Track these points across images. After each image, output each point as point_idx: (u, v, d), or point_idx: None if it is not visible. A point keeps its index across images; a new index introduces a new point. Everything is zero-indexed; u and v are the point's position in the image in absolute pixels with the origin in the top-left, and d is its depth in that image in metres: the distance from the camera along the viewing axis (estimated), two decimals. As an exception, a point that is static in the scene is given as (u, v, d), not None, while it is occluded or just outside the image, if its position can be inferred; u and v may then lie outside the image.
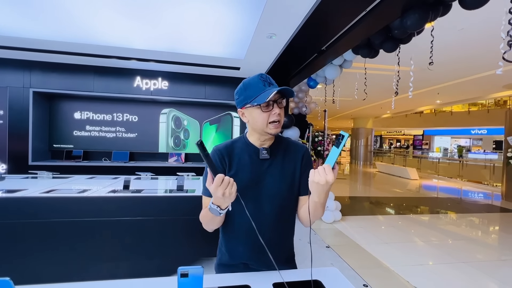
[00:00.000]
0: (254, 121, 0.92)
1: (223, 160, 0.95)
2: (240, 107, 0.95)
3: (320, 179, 0.76)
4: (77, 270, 2.02)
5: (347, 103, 9.74)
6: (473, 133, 17.90)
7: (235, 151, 0.97)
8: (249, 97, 0.90)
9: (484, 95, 8.07)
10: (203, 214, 0.95)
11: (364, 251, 3.11)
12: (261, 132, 0.93)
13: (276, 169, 0.97)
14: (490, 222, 4.69)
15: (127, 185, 2.34)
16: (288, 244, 1.06)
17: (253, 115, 0.92)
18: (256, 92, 0.89)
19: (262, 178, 0.95)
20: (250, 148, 0.97)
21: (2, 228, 1.93)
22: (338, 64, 3.88)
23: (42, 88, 4.02)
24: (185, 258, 2.24)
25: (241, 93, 0.92)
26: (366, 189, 7.86)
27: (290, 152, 1.00)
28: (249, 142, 0.99)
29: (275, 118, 0.90)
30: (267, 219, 0.96)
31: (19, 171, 3.73)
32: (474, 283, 2.50)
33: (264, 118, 0.90)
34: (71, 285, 0.82)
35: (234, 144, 0.99)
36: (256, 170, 0.95)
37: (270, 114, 0.90)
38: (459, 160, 11.29)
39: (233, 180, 0.82)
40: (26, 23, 2.79)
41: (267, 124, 0.90)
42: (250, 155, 0.97)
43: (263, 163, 0.96)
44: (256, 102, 0.88)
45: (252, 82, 0.90)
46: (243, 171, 0.95)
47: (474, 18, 3.13)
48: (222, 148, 0.97)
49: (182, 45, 3.29)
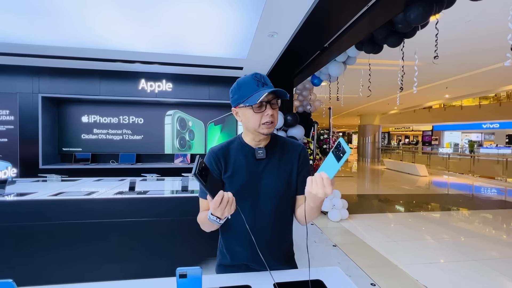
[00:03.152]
0: (247, 121, 0.91)
1: (218, 162, 0.94)
2: (234, 106, 0.94)
3: (318, 192, 0.69)
4: (84, 271, 2.05)
5: (352, 100, 9.61)
6: (485, 127, 17.42)
7: (230, 153, 0.96)
8: (242, 96, 0.88)
9: (495, 88, 7.84)
10: (202, 218, 0.94)
11: (372, 250, 3.06)
12: (254, 132, 0.92)
13: (272, 169, 0.95)
14: (504, 218, 4.56)
15: (132, 187, 2.37)
16: (287, 243, 1.05)
17: (246, 115, 0.91)
18: (249, 92, 0.87)
19: (259, 178, 0.94)
20: (246, 149, 0.96)
21: (13, 230, 1.98)
22: (342, 60, 3.83)
23: (51, 93, 4.12)
24: (191, 259, 2.25)
25: (235, 92, 0.91)
26: (374, 186, 7.75)
27: (286, 151, 0.99)
28: (244, 142, 0.97)
29: (267, 119, 0.88)
30: (265, 219, 0.95)
31: (30, 175, 3.83)
32: (487, 281, 2.43)
33: (257, 119, 0.88)
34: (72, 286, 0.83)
35: (229, 145, 0.98)
36: (252, 170, 0.94)
37: (262, 115, 0.88)
38: (471, 155, 11.01)
39: (231, 184, 0.81)
40: (34, 31, 2.86)
41: (259, 124, 0.89)
42: (246, 156, 0.95)
43: (259, 163, 0.95)
44: (248, 102, 0.86)
45: (246, 81, 0.89)
46: (239, 173, 0.94)
47: (481, 9, 3.04)
48: (217, 150, 0.96)
49: (185, 47, 3.31)
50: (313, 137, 4.56)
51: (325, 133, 5.04)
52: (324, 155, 5.09)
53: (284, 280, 0.88)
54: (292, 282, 0.87)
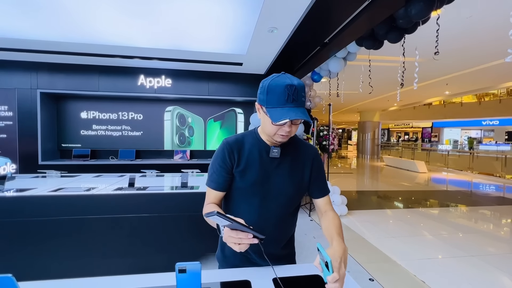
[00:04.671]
0: (264, 125, 0.90)
1: (231, 155, 0.93)
2: (258, 102, 0.91)
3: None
4: (83, 267, 2.07)
5: (352, 97, 9.59)
6: (484, 124, 17.41)
7: (245, 146, 0.95)
8: (267, 102, 0.83)
9: (495, 84, 7.81)
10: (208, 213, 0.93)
11: (370, 246, 3.08)
12: (268, 137, 0.92)
13: (284, 169, 0.95)
14: (502, 215, 4.58)
15: (132, 183, 2.37)
16: (290, 241, 1.06)
17: (265, 120, 0.88)
18: (275, 103, 0.82)
19: (270, 176, 0.93)
20: (261, 145, 0.95)
21: (12, 226, 1.98)
22: (342, 56, 3.81)
23: (49, 89, 4.09)
24: (191, 254, 2.27)
25: (263, 92, 0.86)
26: (373, 183, 7.77)
27: (300, 153, 0.98)
28: (260, 138, 0.96)
29: (283, 133, 0.86)
30: (271, 217, 0.95)
31: (29, 171, 3.83)
32: (485, 276, 2.45)
33: (273, 130, 0.86)
34: (71, 281, 0.83)
35: (244, 138, 0.97)
36: (264, 168, 0.93)
37: (279, 129, 0.85)
38: (470, 152, 11.03)
39: (242, 178, 0.81)
40: (32, 25, 2.83)
41: (274, 133, 0.87)
42: (260, 152, 0.94)
43: (272, 162, 0.94)
44: (269, 113, 0.83)
45: (277, 89, 0.81)
46: (251, 168, 0.93)
47: (482, 4, 3.01)
48: (232, 143, 0.95)
49: (184, 42, 3.28)
50: (313, 133, 4.56)
51: (325, 130, 5.03)
52: (324, 152, 5.09)
53: (284, 275, 0.88)
54: (291, 277, 0.88)
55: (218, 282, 0.85)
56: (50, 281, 0.83)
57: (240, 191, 0.95)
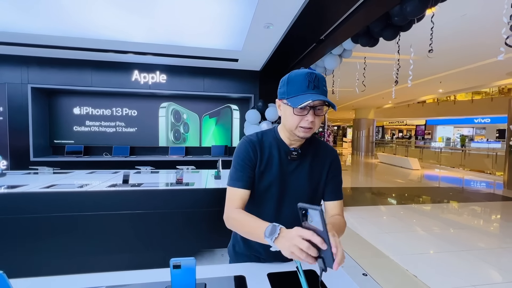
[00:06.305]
0: (285, 119, 0.88)
1: (255, 152, 0.91)
2: (278, 98, 0.89)
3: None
4: (77, 264, 2.05)
5: (347, 94, 9.63)
6: (476, 122, 17.74)
7: (265, 145, 0.93)
8: (288, 93, 0.82)
9: (488, 83, 7.93)
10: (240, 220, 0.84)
11: (364, 241, 3.13)
12: (290, 132, 0.88)
13: (303, 172, 0.93)
14: (492, 210, 4.69)
15: (126, 179, 2.35)
16: None
17: (286, 113, 0.86)
18: (296, 91, 0.80)
19: (287, 178, 0.92)
20: (281, 145, 0.93)
21: (4, 223, 1.95)
22: (338, 53, 3.81)
23: (40, 84, 4.01)
24: (186, 250, 2.27)
25: (283, 85, 0.85)
26: (367, 179, 7.86)
27: (319, 156, 0.96)
28: (279, 137, 0.94)
29: (305, 125, 0.83)
30: (284, 218, 0.93)
31: (21, 167, 3.77)
32: (474, 270, 2.51)
33: (295, 121, 0.84)
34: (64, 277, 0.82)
35: (263, 137, 0.94)
36: (283, 169, 0.91)
37: (302, 119, 0.83)
38: (462, 149, 11.22)
39: (261, 178, 0.82)
40: (22, 18, 2.76)
41: (296, 126, 0.84)
42: (279, 153, 0.92)
43: (290, 163, 0.92)
44: (291, 102, 0.81)
45: (297, 78, 0.81)
46: (271, 168, 0.91)
47: (476, 3, 3.04)
48: (255, 140, 0.93)
49: (179, 38, 3.24)
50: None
51: (320, 127, 5.06)
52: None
53: (278, 270, 0.89)
54: (285, 272, 0.89)
55: (213, 277, 0.86)
56: (43, 278, 0.82)
57: (254, 193, 0.92)
